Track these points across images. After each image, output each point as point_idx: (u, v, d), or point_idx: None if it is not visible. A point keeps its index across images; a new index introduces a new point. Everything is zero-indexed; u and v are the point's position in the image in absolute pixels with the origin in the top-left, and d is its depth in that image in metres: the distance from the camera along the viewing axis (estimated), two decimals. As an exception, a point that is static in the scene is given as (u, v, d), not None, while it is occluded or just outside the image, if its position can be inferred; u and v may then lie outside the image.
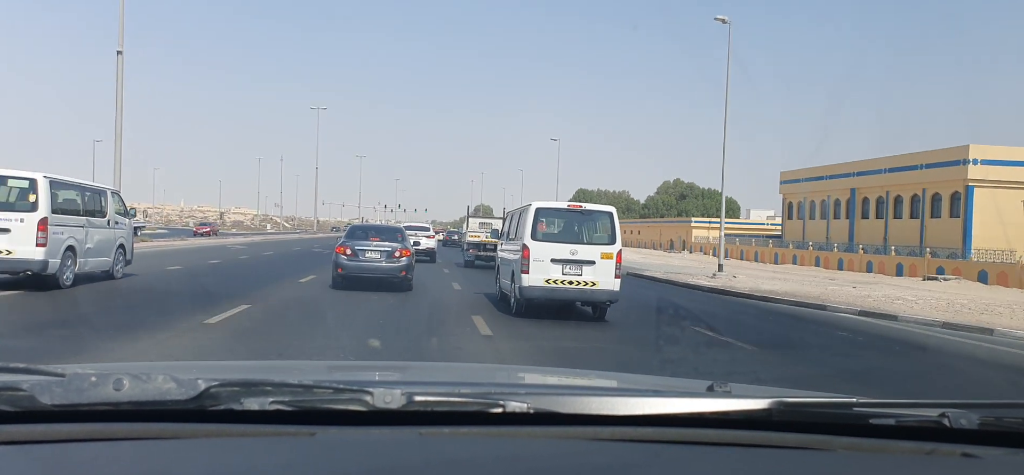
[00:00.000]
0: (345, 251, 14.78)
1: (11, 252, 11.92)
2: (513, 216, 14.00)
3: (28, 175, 12.29)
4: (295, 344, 8.29)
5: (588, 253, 11.64)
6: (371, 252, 14.75)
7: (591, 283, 11.57)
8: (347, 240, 15.35)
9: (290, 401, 1.31)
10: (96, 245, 13.95)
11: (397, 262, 14.80)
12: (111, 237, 14.71)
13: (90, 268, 13.75)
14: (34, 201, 12.13)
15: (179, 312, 10.27)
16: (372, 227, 17.99)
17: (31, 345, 7.66)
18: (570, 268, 11.54)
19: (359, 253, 14.74)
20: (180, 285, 15.14)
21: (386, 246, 14.90)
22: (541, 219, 11.95)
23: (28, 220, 11.98)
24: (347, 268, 14.66)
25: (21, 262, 12.01)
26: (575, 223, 12.24)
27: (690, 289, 21.68)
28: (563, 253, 11.60)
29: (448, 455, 1.26)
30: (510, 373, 2.97)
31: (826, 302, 17.35)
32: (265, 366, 3.00)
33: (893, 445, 1.39)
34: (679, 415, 1.41)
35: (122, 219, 15.43)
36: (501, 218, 29.95)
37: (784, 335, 12.29)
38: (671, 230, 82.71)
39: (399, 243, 15.22)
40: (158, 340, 7.93)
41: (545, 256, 11.55)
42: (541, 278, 11.49)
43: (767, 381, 6.88)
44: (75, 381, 1.27)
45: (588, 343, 9.91)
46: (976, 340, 12.34)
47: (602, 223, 12.18)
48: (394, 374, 2.38)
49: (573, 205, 12.47)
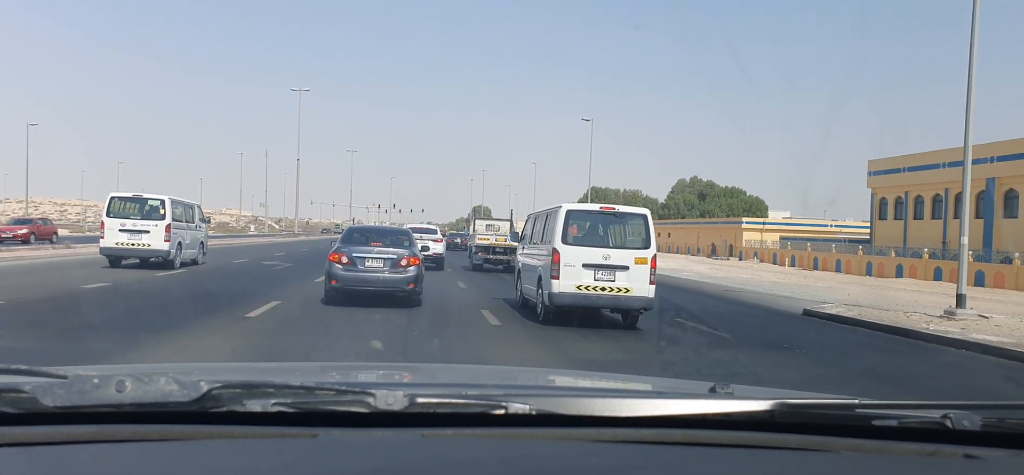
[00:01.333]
0: (340, 259, 12.50)
1: (150, 245, 19.97)
2: (538, 219, 13.50)
3: (160, 196, 20.34)
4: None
5: (622, 258, 11.15)
6: (372, 260, 12.53)
7: (625, 289, 11.09)
8: (343, 245, 12.94)
9: (292, 402, 1.32)
10: (190, 241, 21.85)
11: (404, 272, 12.51)
12: (197, 236, 22.90)
13: (186, 256, 21.45)
14: (163, 213, 20.06)
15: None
16: (374, 229, 15.53)
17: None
18: (603, 273, 11.07)
19: (358, 262, 12.49)
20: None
21: (390, 253, 12.70)
22: (572, 222, 11.44)
23: (160, 225, 19.93)
24: (343, 280, 12.43)
25: (156, 251, 19.98)
26: (608, 226, 11.79)
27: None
28: (595, 258, 11.14)
29: (450, 457, 1.27)
30: (512, 374, 2.97)
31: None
32: (267, 368, 3.01)
33: (895, 446, 1.39)
34: (681, 416, 1.41)
35: (202, 224, 23.78)
36: (506, 219, 29.48)
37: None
38: (712, 232, 71.77)
39: (406, 249, 12.96)
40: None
41: (576, 261, 11.06)
42: (572, 284, 11.04)
43: (769, 382, 6.85)
44: (77, 383, 1.27)
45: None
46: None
47: (636, 226, 11.71)
48: (396, 375, 2.38)
49: (605, 207, 12.00)
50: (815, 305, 17.35)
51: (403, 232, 14.73)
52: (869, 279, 34.90)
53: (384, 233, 14.66)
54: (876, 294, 22.55)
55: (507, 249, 24.63)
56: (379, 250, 12.75)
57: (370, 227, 17.34)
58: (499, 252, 25.35)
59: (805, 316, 15.62)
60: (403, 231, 15.03)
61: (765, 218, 70.17)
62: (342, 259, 12.49)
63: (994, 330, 13.04)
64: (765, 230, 65.26)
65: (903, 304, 18.69)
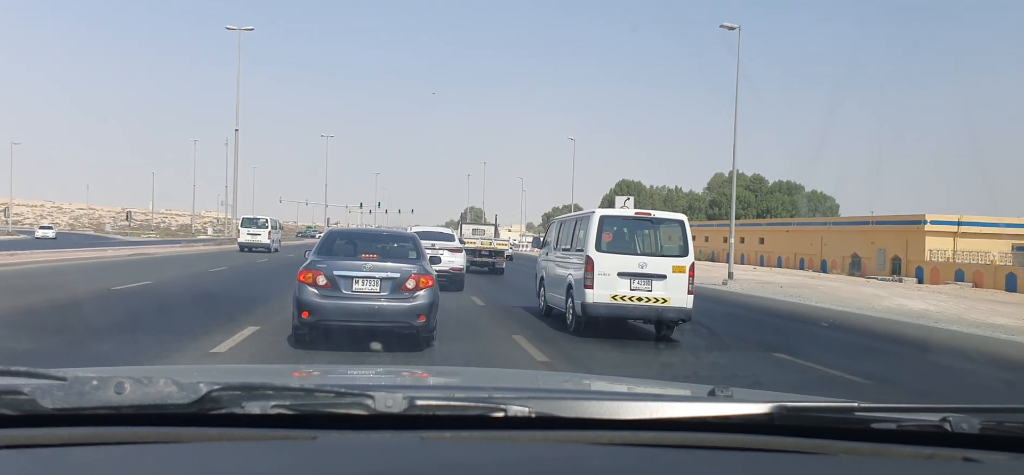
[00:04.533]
0: (315, 279, 8.40)
1: (262, 242, 40.38)
2: (565, 224, 12.87)
3: (266, 216, 43.96)
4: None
5: (659, 266, 10.65)
6: (364, 281, 8.48)
7: (662, 300, 10.57)
8: (320, 258, 8.84)
9: (291, 405, 1.32)
10: (277, 239, 43.88)
11: (411, 299, 8.50)
12: (278, 236, 44.62)
13: (273, 247, 41.46)
14: (267, 224, 41.70)
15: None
16: (365, 234, 11.10)
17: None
18: (639, 282, 10.58)
19: (341, 283, 8.42)
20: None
21: (390, 270, 8.61)
22: (606, 228, 10.95)
23: (265, 231, 40.81)
24: (318, 310, 8.33)
25: (265, 245, 40.24)
26: (644, 232, 11.40)
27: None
28: (631, 266, 10.65)
29: (449, 459, 1.27)
30: (511, 377, 2.97)
31: None
32: (266, 370, 3.00)
33: (894, 449, 1.39)
34: (680, 419, 1.41)
35: (278, 225, 47.01)
36: (491, 224, 31.68)
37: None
38: (851, 237, 47.41)
39: (413, 264, 8.85)
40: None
41: (611, 269, 10.58)
42: (607, 294, 10.50)
43: (768, 386, 6.84)
44: (76, 385, 1.27)
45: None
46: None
47: (673, 232, 11.22)
48: (395, 378, 2.38)
49: (640, 213, 11.68)
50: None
51: (407, 238, 10.43)
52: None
53: (379, 238, 10.46)
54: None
55: (491, 252, 27.04)
56: (373, 265, 8.65)
57: (359, 230, 13.35)
58: (485, 255, 27.02)
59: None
60: (407, 236, 10.65)
61: (958, 218, 43.07)
62: (318, 279, 8.40)
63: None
64: (961, 233, 42.46)
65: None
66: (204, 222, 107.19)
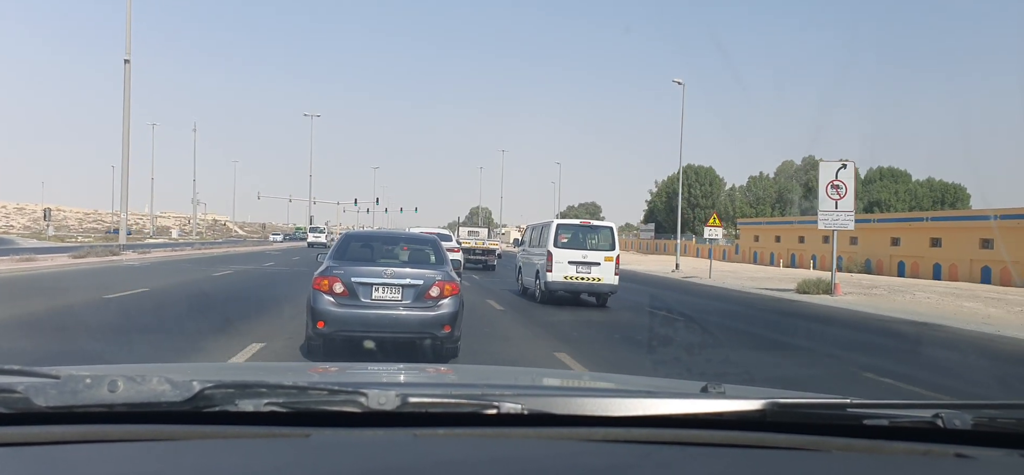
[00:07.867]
0: (332, 287, 7.90)
1: (322, 241, 61.14)
2: (535, 229, 18.24)
3: (323, 224, 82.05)
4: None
5: (595, 257, 15.80)
6: (384, 288, 7.93)
7: (597, 279, 15.72)
8: (336, 263, 8.32)
9: (285, 402, 1.32)
10: (329, 240, 58.39)
11: (434, 307, 7.97)
12: (325, 239, 62.68)
13: (329, 242, 52.57)
14: (324, 229, 74.60)
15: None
16: (383, 237, 10.59)
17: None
18: (582, 268, 15.68)
19: (360, 291, 7.89)
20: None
21: (412, 276, 8.07)
22: (561, 232, 16.12)
23: (323, 235, 67.56)
24: (335, 320, 7.81)
25: (325, 245, 49.32)
26: (585, 235, 16.28)
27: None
28: (577, 257, 15.72)
29: (443, 456, 1.27)
30: (504, 374, 2.97)
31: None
32: (259, 367, 3.00)
33: (887, 446, 1.39)
34: (673, 416, 1.42)
35: (330, 232, 74.95)
36: (484, 227, 39.89)
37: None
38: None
39: (436, 270, 8.33)
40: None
41: (564, 259, 15.71)
42: (561, 275, 15.69)
43: (761, 382, 6.83)
44: (70, 383, 1.27)
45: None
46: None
47: (604, 235, 16.32)
48: (388, 375, 2.38)
49: (583, 221, 17.10)
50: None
51: (428, 241, 9.74)
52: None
53: (397, 240, 9.92)
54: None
55: (484, 251, 31.74)
56: (394, 272, 8.09)
57: (377, 233, 12.83)
58: (479, 253, 31.43)
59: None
60: (428, 239, 9.94)
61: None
62: (334, 286, 7.92)
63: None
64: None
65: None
66: (164, 222, 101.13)
